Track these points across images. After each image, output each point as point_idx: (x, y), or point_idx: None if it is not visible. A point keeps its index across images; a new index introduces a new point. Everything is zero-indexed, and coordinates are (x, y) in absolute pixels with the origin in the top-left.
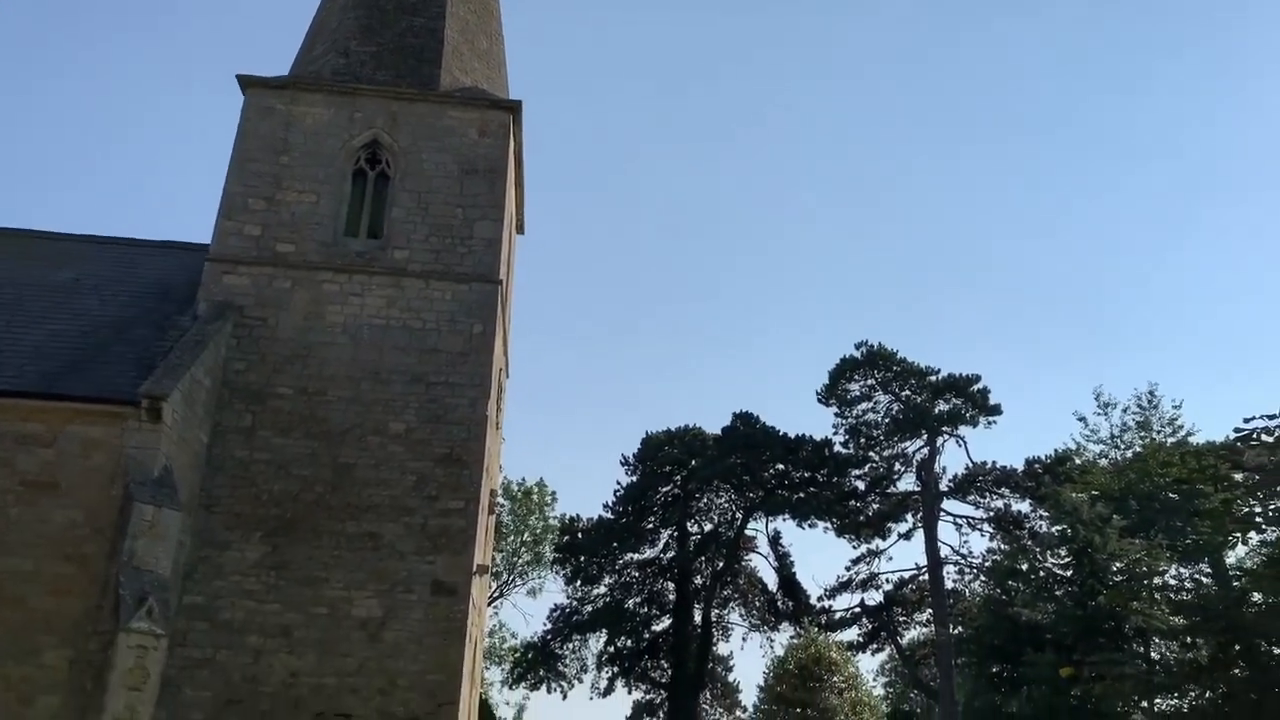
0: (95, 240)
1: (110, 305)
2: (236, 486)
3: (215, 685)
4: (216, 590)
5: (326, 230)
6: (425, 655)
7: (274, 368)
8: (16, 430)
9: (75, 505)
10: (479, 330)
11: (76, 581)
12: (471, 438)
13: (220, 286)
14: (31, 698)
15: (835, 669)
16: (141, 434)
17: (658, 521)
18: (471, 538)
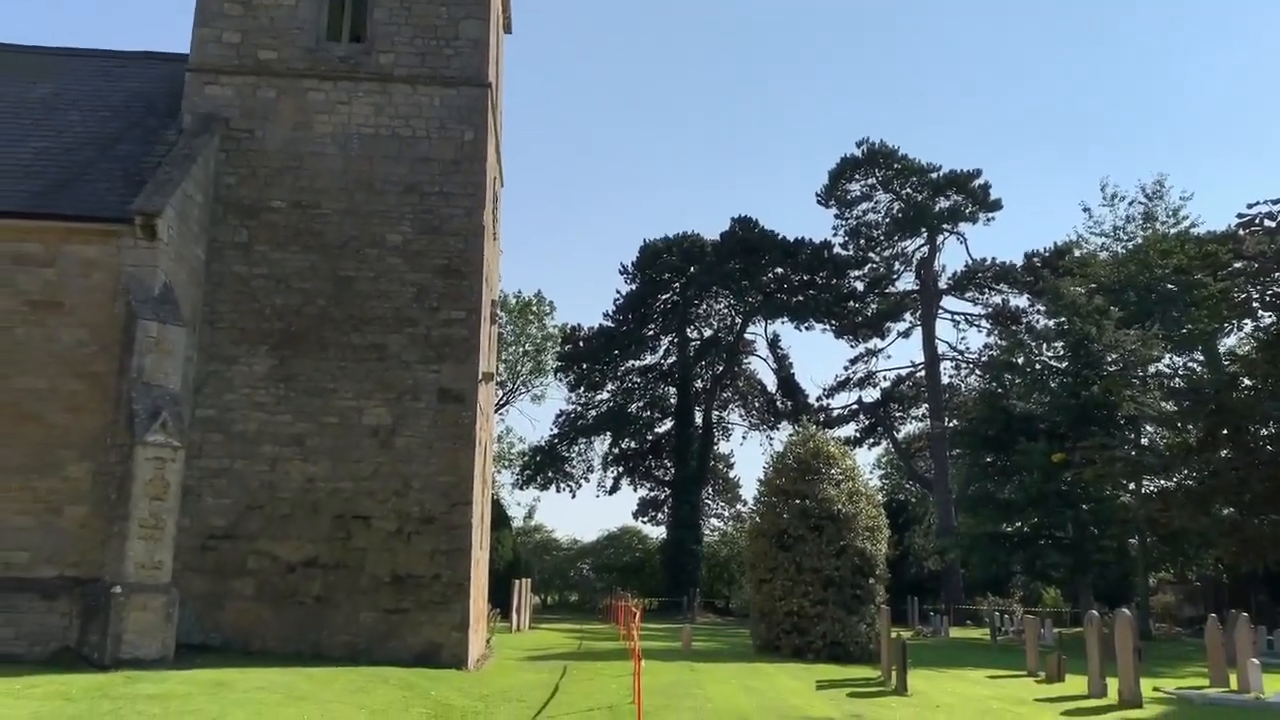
0: (71, 53)
1: (92, 120)
2: (239, 302)
3: (234, 492)
4: (228, 403)
5: (308, 35)
6: (436, 459)
7: (265, 181)
8: (14, 250)
9: (81, 324)
10: (470, 137)
11: (90, 398)
12: (469, 248)
13: (203, 98)
14: (60, 508)
15: (833, 462)
16: (138, 251)
17: (658, 328)
18: (475, 346)
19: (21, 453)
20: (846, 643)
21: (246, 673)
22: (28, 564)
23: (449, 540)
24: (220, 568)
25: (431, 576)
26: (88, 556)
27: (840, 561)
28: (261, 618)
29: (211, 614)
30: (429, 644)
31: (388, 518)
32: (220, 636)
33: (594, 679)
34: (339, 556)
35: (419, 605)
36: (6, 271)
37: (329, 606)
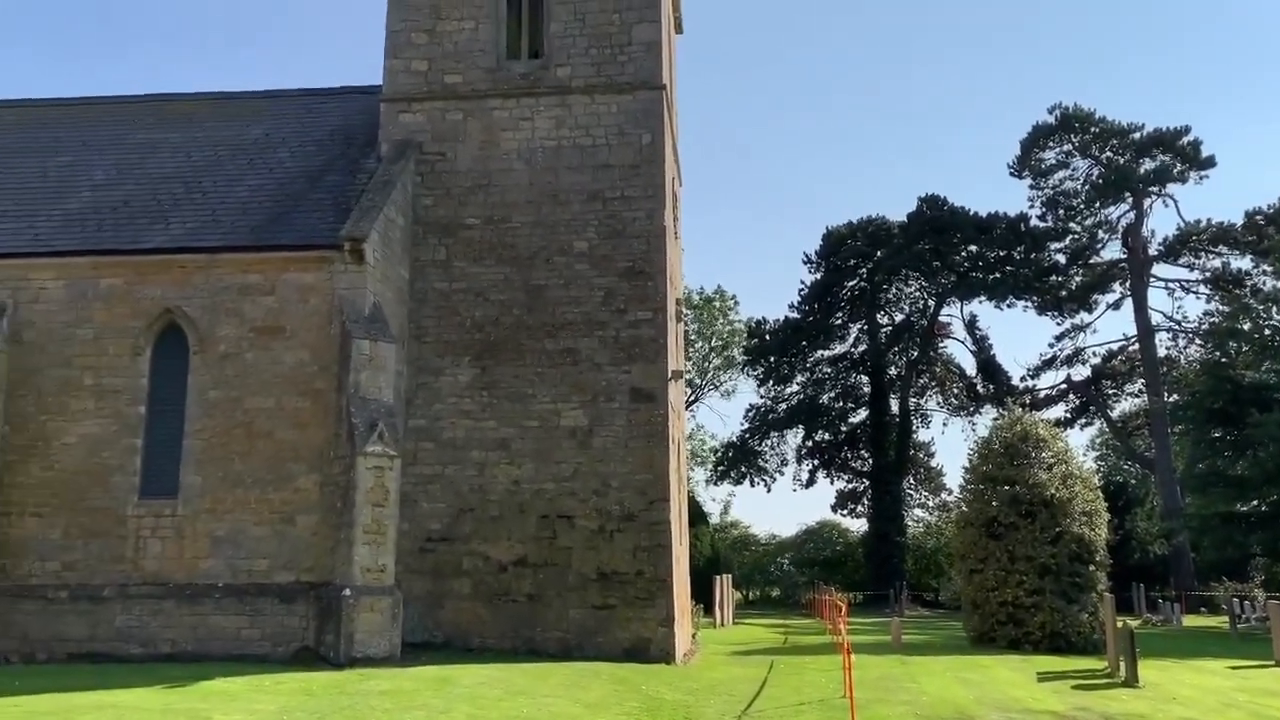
0: (279, 94)
1: (300, 155)
2: (441, 316)
3: (447, 497)
4: (437, 412)
5: (489, 56)
6: (632, 458)
7: (459, 200)
8: (240, 282)
9: (301, 346)
10: (647, 140)
11: (314, 414)
12: (652, 249)
13: (398, 125)
14: (293, 517)
15: (1043, 445)
16: (348, 275)
17: (846, 316)
18: (662, 346)
19: (257, 467)
20: (1067, 632)
21: (467, 669)
22: (267, 570)
23: (649, 537)
24: (438, 569)
25: (635, 573)
26: (319, 562)
27: (1056, 549)
28: (478, 616)
29: (432, 613)
30: (637, 639)
31: (590, 516)
32: (441, 634)
33: (802, 673)
34: (546, 555)
35: (624, 601)
36: (234, 302)
37: (540, 604)
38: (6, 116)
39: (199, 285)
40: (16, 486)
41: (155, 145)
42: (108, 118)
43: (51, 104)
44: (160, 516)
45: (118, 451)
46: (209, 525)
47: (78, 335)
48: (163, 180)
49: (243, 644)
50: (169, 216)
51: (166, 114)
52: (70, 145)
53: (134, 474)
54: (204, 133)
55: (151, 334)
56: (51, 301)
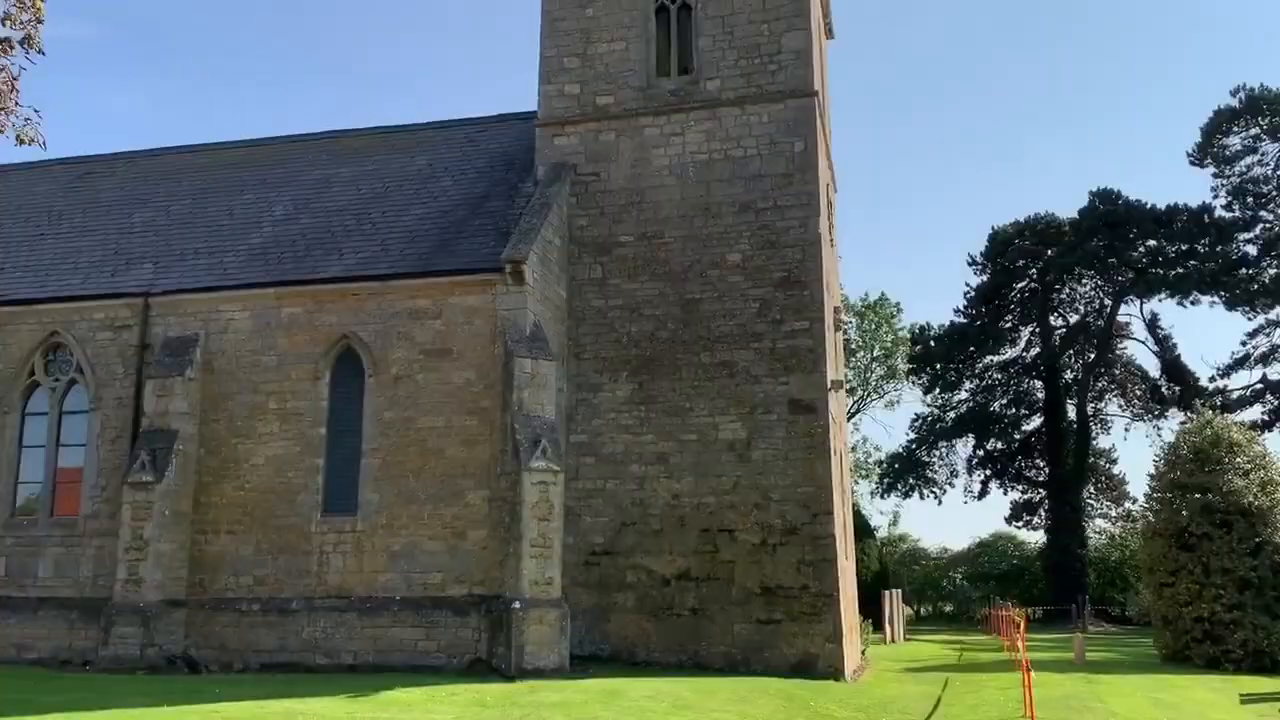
0: (440, 125)
1: (463, 183)
2: (599, 333)
3: (609, 511)
4: (596, 428)
5: (639, 75)
6: (793, 470)
7: (613, 218)
8: (409, 307)
9: (468, 366)
10: (800, 149)
11: (481, 431)
12: (807, 258)
13: (553, 149)
14: (464, 532)
15: (1238, 450)
16: (510, 296)
17: (1016, 319)
18: (821, 356)
19: (429, 484)
20: (1273, 651)
21: (635, 682)
22: (441, 583)
23: (814, 551)
24: (603, 582)
25: (799, 588)
26: (490, 575)
27: (1257, 560)
28: (643, 629)
29: (599, 626)
30: (804, 655)
31: (751, 530)
32: (608, 647)
33: (978, 691)
34: (709, 569)
35: (790, 616)
36: (405, 326)
37: (704, 618)
38: (198, 160)
39: (372, 311)
40: (212, 506)
41: (329, 180)
42: (286, 156)
43: (236, 145)
44: (341, 533)
45: (302, 471)
46: (386, 540)
47: (263, 362)
48: (336, 213)
49: (420, 655)
50: (342, 247)
51: (339, 150)
52: (253, 184)
53: (317, 492)
54: (373, 166)
55: (330, 359)
56: (239, 331)
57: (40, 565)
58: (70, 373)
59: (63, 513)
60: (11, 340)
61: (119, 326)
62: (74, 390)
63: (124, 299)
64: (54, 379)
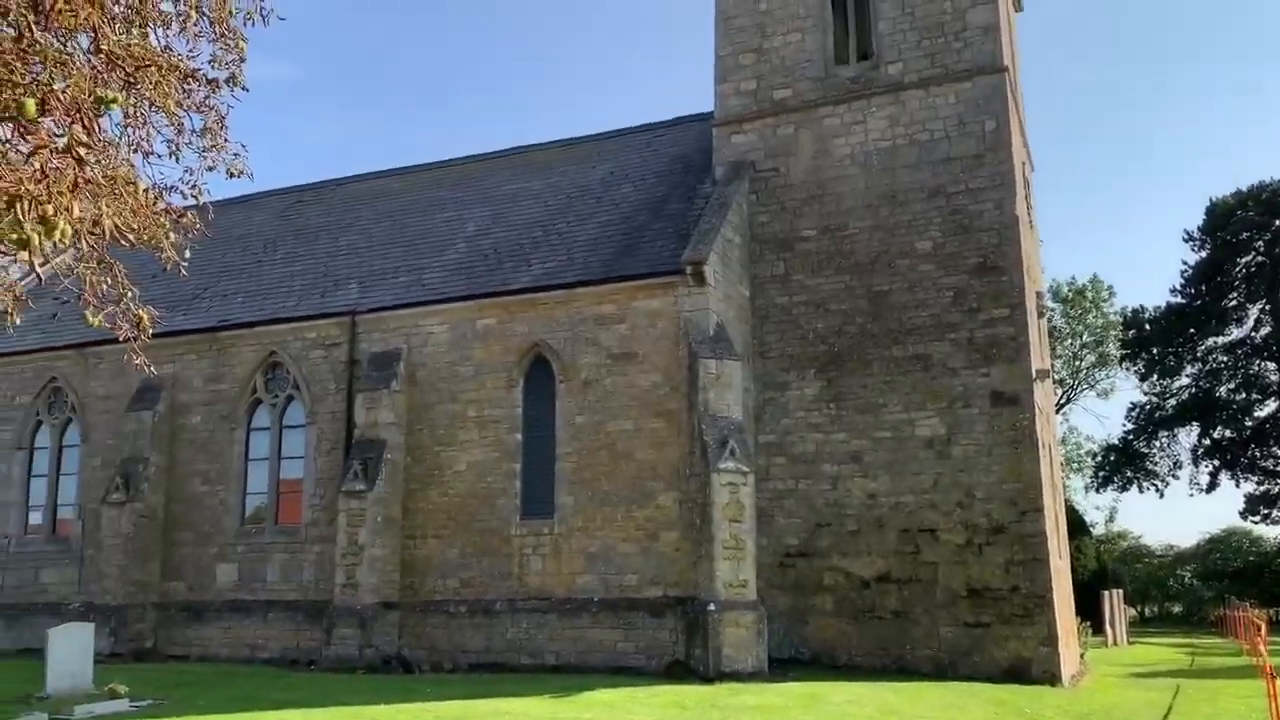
0: (619, 133)
1: (643, 188)
2: (784, 331)
3: (802, 512)
4: (786, 427)
5: (817, 65)
6: (997, 466)
7: (794, 213)
8: (595, 313)
9: (653, 369)
10: (991, 127)
11: (668, 434)
12: (1004, 241)
13: (730, 147)
14: (656, 533)
15: None
16: (692, 298)
17: (1241, 297)
18: (1024, 344)
19: (621, 486)
20: None
21: (836, 686)
22: (637, 585)
23: (1023, 550)
24: (799, 584)
25: (1009, 589)
26: (684, 577)
27: None
28: (843, 632)
29: (797, 629)
30: (1015, 659)
31: (954, 530)
32: (808, 651)
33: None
34: (910, 571)
35: (999, 619)
36: (592, 332)
37: (907, 621)
38: (395, 184)
39: (560, 319)
40: (419, 511)
41: (518, 194)
42: (476, 174)
43: (429, 167)
44: (539, 535)
45: (500, 476)
46: (582, 543)
47: (461, 372)
48: (525, 225)
49: (619, 656)
50: (531, 258)
51: (526, 164)
52: (447, 202)
53: (515, 496)
54: (558, 177)
55: (523, 367)
56: (438, 344)
57: (268, 570)
58: (288, 389)
59: (286, 521)
60: (235, 361)
61: (330, 344)
62: (292, 405)
63: (333, 318)
64: (274, 396)
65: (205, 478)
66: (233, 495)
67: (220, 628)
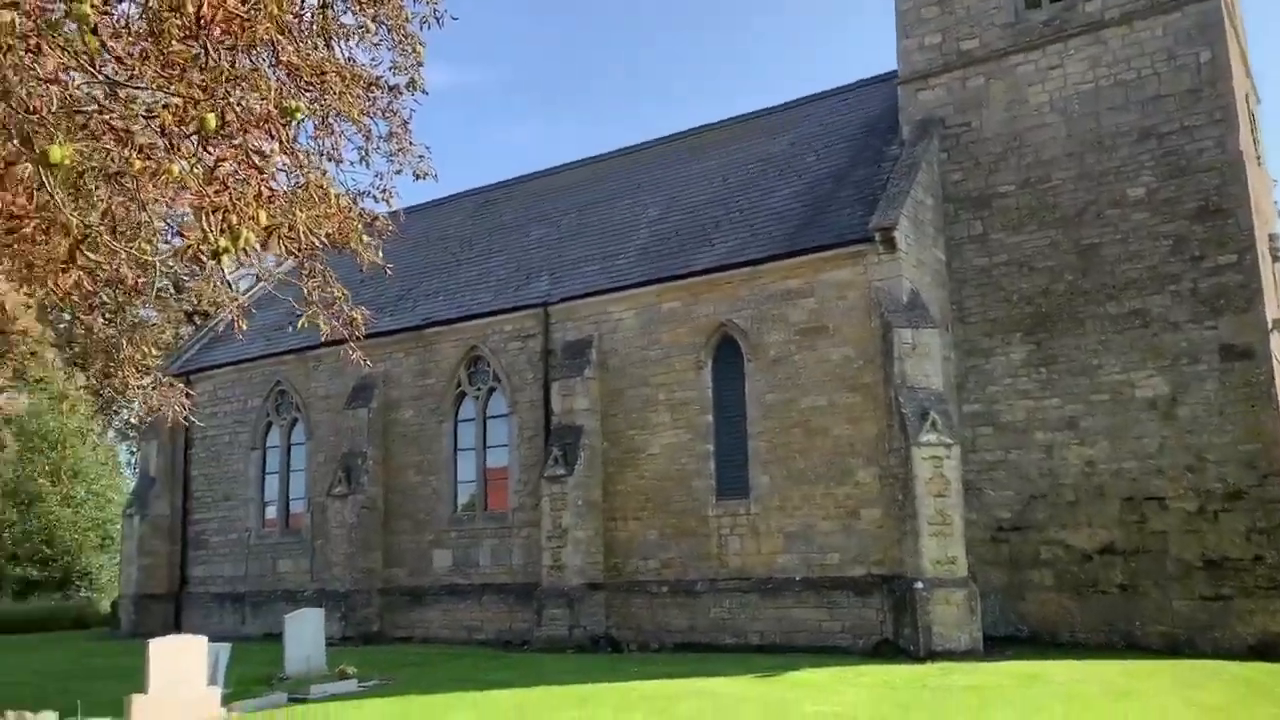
0: (797, 103)
1: (826, 156)
2: (984, 294)
3: (1014, 483)
4: (991, 395)
5: (1005, 11)
6: (1231, 426)
7: (989, 168)
8: (781, 288)
9: (844, 342)
10: (1207, 58)
11: (864, 408)
12: (1227, 182)
13: (917, 105)
14: (856, 511)
15: None
16: (882, 266)
17: None
18: (1256, 292)
19: (817, 464)
20: None
21: (1058, 664)
22: (839, 564)
23: (1265, 517)
24: (1014, 559)
25: (1252, 559)
26: (888, 554)
27: None
28: (1064, 608)
29: (1013, 606)
30: (1263, 634)
31: (1184, 497)
32: (1026, 628)
33: None
34: (1136, 542)
35: (1242, 591)
36: (778, 308)
37: (1135, 595)
38: (581, 175)
39: (745, 297)
40: (618, 494)
41: (696, 176)
42: (657, 159)
43: (612, 156)
44: (736, 516)
45: (694, 458)
46: (780, 522)
47: (650, 356)
48: (705, 206)
49: (824, 636)
50: (713, 238)
51: (704, 144)
52: (630, 188)
53: (710, 477)
54: (737, 154)
55: (710, 348)
56: (627, 330)
57: (480, 555)
58: (490, 381)
59: (494, 507)
60: (440, 357)
61: (525, 336)
62: (494, 396)
63: (527, 310)
64: (477, 388)
65: (418, 469)
66: (444, 484)
67: (439, 610)
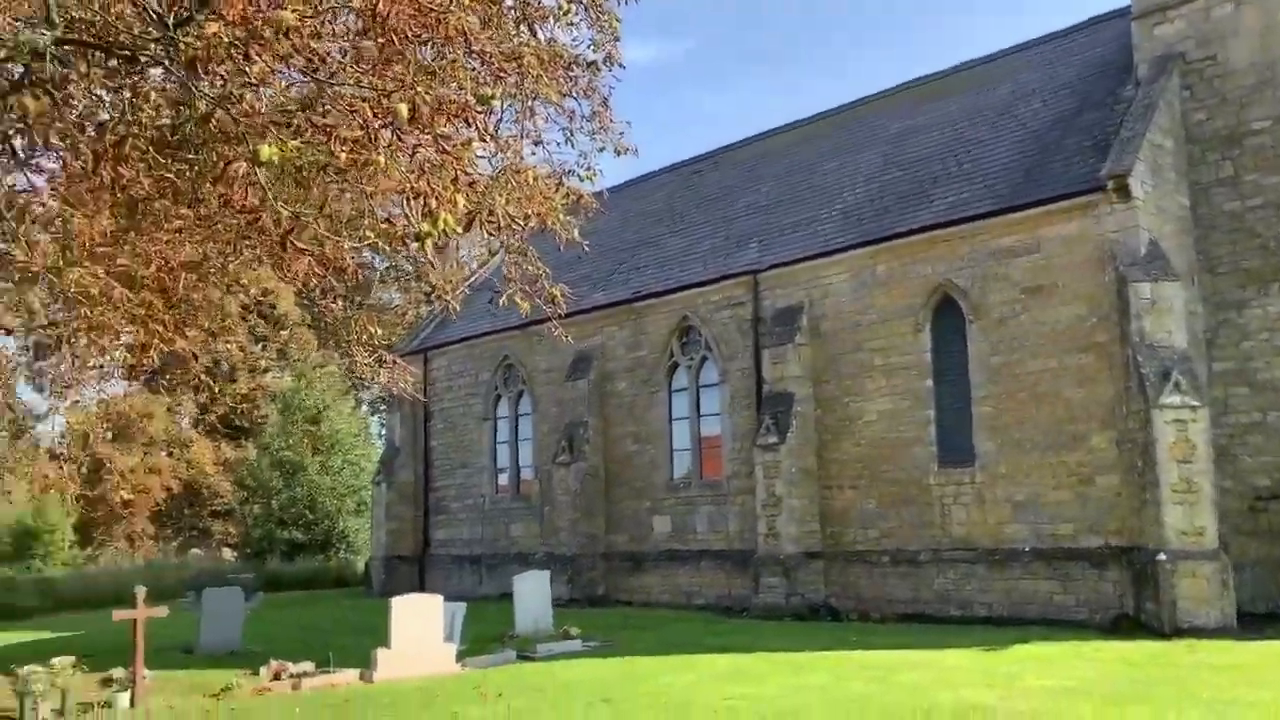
0: (1020, 48)
1: (1051, 102)
2: (1235, 241)
3: (1273, 448)
4: (1246, 352)
5: None
6: None
7: (1240, 105)
8: (1002, 245)
9: (1073, 299)
10: None
11: (1097, 369)
12: None
13: (1153, 40)
14: (1090, 478)
15: None
16: (1115, 216)
17: None
18: None
19: (1046, 429)
20: None
21: None
22: (1072, 534)
23: None
24: (1274, 530)
25: None
26: (1125, 524)
27: None
28: None
29: (1274, 580)
30: None
31: None
32: None
33: None
34: None
35: None
36: (1001, 266)
37: None
38: (786, 139)
39: (965, 256)
40: (834, 462)
41: (909, 131)
42: (865, 117)
43: (817, 118)
44: (960, 484)
45: (912, 424)
46: (1007, 490)
47: (863, 321)
48: (919, 161)
49: (1055, 609)
50: (930, 195)
51: (916, 99)
52: (838, 149)
53: (930, 444)
54: (953, 107)
55: (928, 310)
56: (839, 294)
57: (696, 522)
58: (701, 351)
59: (709, 475)
60: (652, 328)
61: (735, 304)
62: (706, 366)
63: (736, 279)
64: (689, 358)
65: (635, 438)
66: (660, 453)
67: (659, 575)
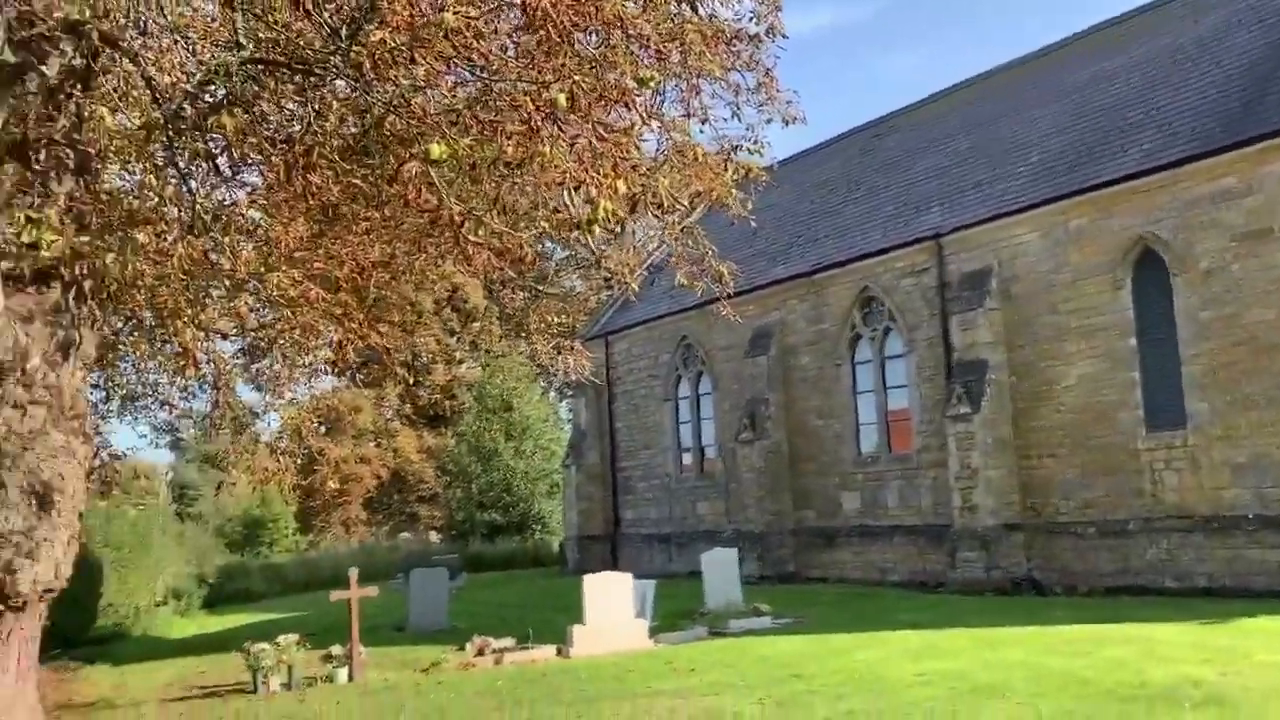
0: None
1: (1258, 32)
2: None
3: None
4: None
5: None
6: None
7: None
8: (1210, 190)
9: None
10: None
11: None
12: None
13: None
14: None
15: None
16: None
17: None
18: None
19: (1270, 386)
20: None
21: None
22: None
23: None
24: None
25: None
26: None
27: None
28: None
29: None
30: None
31: None
32: None
33: None
34: None
35: None
36: (1207, 212)
37: None
38: (966, 95)
39: (1164, 205)
40: (1032, 430)
41: (1099, 77)
42: (1049, 65)
43: (998, 71)
44: (1171, 448)
45: (1116, 387)
46: (1225, 453)
47: (1057, 280)
48: (1107, 110)
49: None
50: (1124, 143)
51: (1103, 42)
52: (1020, 104)
53: (1136, 408)
54: (1145, 48)
55: (1127, 265)
56: (1029, 254)
57: (887, 496)
58: (884, 321)
59: (898, 449)
60: (832, 300)
61: (918, 271)
62: (889, 336)
63: (918, 245)
64: (871, 329)
65: (819, 413)
66: (845, 428)
67: (850, 551)
